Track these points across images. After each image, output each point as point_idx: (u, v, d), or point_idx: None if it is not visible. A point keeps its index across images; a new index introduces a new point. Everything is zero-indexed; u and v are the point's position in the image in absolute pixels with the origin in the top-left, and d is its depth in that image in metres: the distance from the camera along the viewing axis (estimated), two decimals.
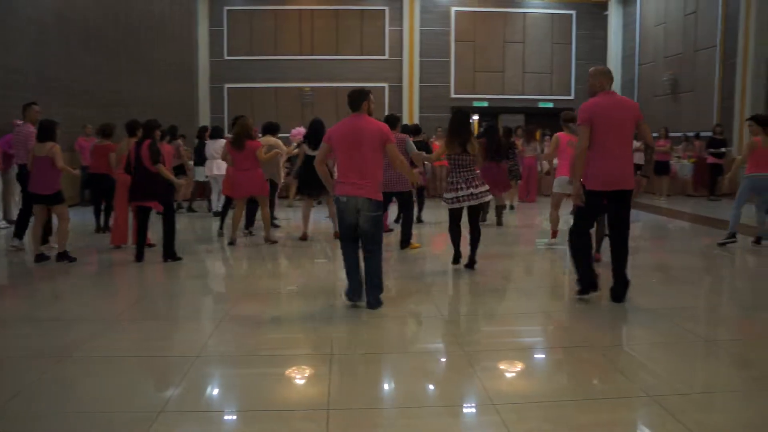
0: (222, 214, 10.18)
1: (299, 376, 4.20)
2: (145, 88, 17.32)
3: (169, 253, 7.81)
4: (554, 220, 8.92)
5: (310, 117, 10.67)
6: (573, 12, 22.83)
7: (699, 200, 15.24)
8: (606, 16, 22.60)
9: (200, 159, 12.64)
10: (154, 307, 6.11)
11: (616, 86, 22.06)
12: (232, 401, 3.86)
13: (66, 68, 13.49)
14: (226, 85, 22.26)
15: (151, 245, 8.26)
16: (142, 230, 7.88)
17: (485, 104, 22.17)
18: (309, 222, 9.58)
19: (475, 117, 21.56)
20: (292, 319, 5.50)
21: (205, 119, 20.84)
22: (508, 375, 4.21)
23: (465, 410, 3.69)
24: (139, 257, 7.79)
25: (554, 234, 8.92)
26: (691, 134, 17.00)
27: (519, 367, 4.30)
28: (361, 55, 22.42)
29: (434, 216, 11.73)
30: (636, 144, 7.00)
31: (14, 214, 10.09)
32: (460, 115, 7.29)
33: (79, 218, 10.66)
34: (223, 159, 9.58)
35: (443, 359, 4.59)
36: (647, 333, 5.05)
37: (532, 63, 22.67)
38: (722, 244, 8.50)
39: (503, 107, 22.16)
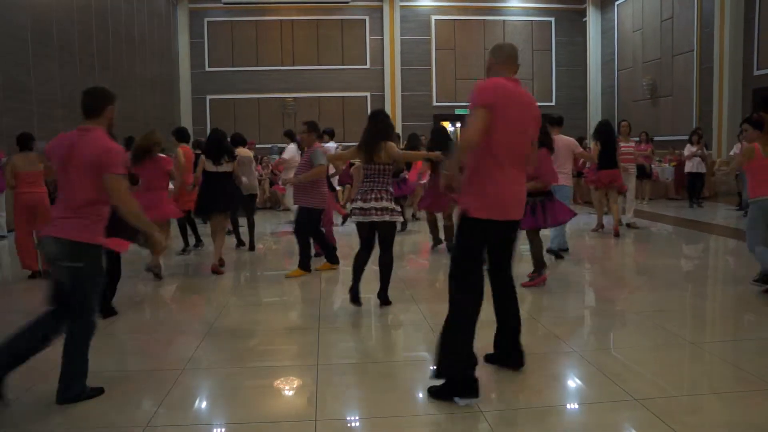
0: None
1: (286, 387, 4.18)
2: (124, 100, 17.18)
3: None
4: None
5: (292, 127, 10.64)
6: (552, 19, 23.06)
7: (681, 203, 15.37)
8: (585, 22, 22.84)
9: None
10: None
11: (595, 92, 22.56)
12: (218, 414, 3.82)
13: (41, 81, 13.37)
14: (209, 97, 22.23)
15: None
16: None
17: (467, 112, 22.23)
18: (220, 248, 8.08)
19: (459, 125, 21.65)
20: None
21: (188, 131, 20.76)
22: (493, 382, 4.20)
23: (455, 418, 3.67)
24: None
25: None
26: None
27: (506, 373, 4.30)
28: (343, 64, 22.48)
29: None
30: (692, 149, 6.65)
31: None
32: (379, 114, 6.11)
33: None
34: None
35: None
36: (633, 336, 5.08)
37: None
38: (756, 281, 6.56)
39: None
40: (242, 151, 9.59)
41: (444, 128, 9.91)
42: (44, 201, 7.66)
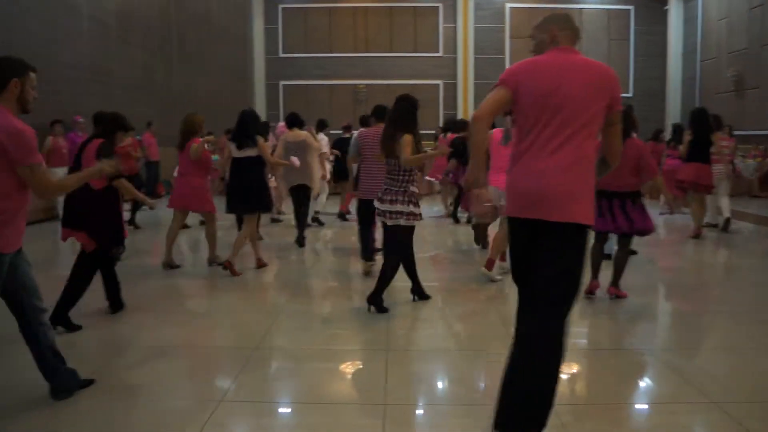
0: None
1: (355, 371, 4.23)
2: (200, 84, 17.67)
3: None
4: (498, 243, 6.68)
5: (363, 114, 10.16)
6: (631, 7, 22.37)
7: (765, 201, 14.72)
8: (666, 11, 22.03)
9: None
10: None
11: (675, 83, 21.75)
12: (289, 393, 3.90)
13: (121, 65, 13.83)
14: (282, 82, 22.53)
15: None
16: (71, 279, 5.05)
17: None
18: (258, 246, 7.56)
19: None
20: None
21: (261, 116, 21.12)
22: (563, 377, 4.14)
23: None
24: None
25: (500, 258, 6.76)
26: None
27: (574, 369, 4.22)
28: (415, 52, 22.42)
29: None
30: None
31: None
32: (401, 101, 5.63)
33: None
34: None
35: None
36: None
37: None
38: None
39: None
40: (296, 134, 8.80)
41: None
42: None
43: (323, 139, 10.91)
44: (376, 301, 5.35)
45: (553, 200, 2.86)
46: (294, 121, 8.93)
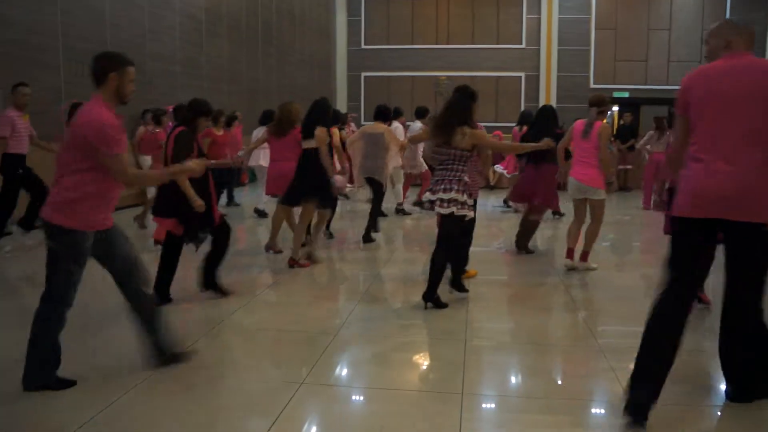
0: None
1: (434, 360, 4.30)
2: (283, 76, 18.07)
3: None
4: (571, 236, 6.79)
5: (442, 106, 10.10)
6: None
7: None
8: None
9: None
10: None
11: None
12: (368, 379, 4.00)
13: (209, 57, 14.29)
14: (363, 74, 22.76)
15: None
16: (162, 260, 5.35)
17: (626, 95, 21.29)
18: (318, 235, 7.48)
19: (615, 108, 20.67)
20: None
21: (342, 107, 21.46)
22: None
23: (593, 408, 3.61)
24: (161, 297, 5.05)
25: (569, 253, 6.73)
26: None
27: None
28: (498, 43, 22.20)
29: None
30: None
31: None
32: (456, 93, 5.55)
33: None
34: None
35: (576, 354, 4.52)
36: None
37: (679, 51, 21.48)
38: None
39: (645, 98, 21.18)
40: (375, 127, 8.66)
41: (551, 109, 8.15)
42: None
43: (398, 128, 10.90)
44: (431, 298, 5.25)
45: (741, 200, 3.04)
46: (379, 114, 8.76)
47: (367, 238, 8.27)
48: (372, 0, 22.71)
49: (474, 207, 5.38)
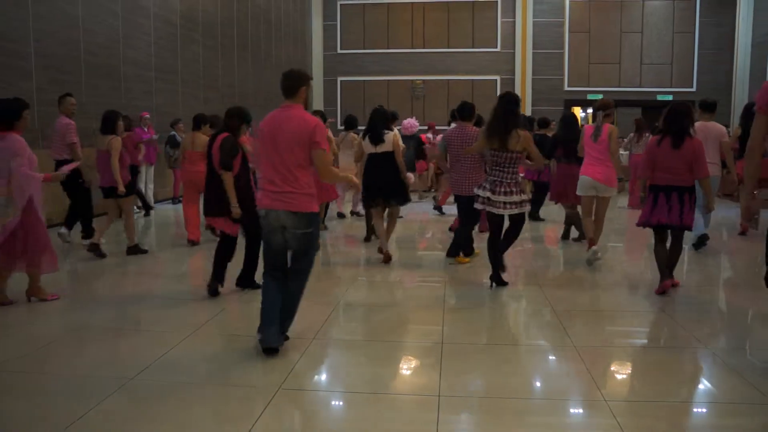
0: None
1: (410, 363, 4.31)
2: (259, 81, 18.02)
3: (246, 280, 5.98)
4: (587, 228, 7.27)
5: (421, 109, 10.28)
6: None
7: None
8: (735, 1, 21.31)
9: None
10: None
11: (742, 77, 21.02)
12: (345, 383, 4.00)
13: (185, 63, 14.21)
14: (340, 78, 22.76)
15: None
16: (217, 255, 5.90)
17: (600, 97, 21.46)
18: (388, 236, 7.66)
19: (590, 110, 20.85)
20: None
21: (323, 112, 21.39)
22: (619, 375, 4.12)
23: (572, 407, 3.64)
24: (212, 290, 5.74)
25: (591, 243, 7.12)
26: None
27: (630, 366, 4.19)
28: (473, 47, 22.32)
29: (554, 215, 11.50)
30: None
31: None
32: (503, 101, 5.94)
33: None
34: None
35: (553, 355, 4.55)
36: None
37: (651, 53, 21.76)
38: None
39: (619, 100, 21.19)
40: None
41: (574, 116, 9.44)
42: (202, 179, 6.45)
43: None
44: (497, 279, 6.10)
45: None
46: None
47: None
48: (348, 5, 22.74)
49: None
